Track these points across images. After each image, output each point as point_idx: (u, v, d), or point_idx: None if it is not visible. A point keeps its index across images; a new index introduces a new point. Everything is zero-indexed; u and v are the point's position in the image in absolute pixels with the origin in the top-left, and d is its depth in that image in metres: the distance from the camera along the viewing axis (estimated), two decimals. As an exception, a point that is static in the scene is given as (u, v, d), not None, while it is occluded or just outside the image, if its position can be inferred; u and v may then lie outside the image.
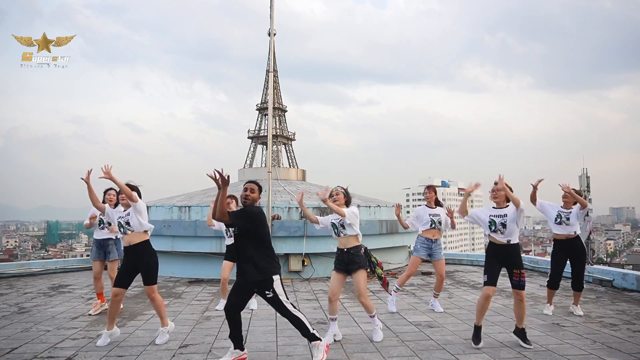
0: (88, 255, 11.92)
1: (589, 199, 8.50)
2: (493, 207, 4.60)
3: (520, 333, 4.44)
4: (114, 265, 5.98)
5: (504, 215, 4.44)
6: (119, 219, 4.62)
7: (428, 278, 8.81)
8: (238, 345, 4.01)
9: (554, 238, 5.92)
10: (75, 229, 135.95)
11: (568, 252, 5.77)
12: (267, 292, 3.82)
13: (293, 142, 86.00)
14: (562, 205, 5.80)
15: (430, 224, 5.95)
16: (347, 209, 4.49)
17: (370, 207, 10.27)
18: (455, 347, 4.41)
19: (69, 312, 6.04)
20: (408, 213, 7.26)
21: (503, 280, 6.35)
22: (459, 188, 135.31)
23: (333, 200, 4.55)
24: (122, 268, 4.67)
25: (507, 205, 4.50)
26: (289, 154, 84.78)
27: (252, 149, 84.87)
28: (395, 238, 10.23)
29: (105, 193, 5.81)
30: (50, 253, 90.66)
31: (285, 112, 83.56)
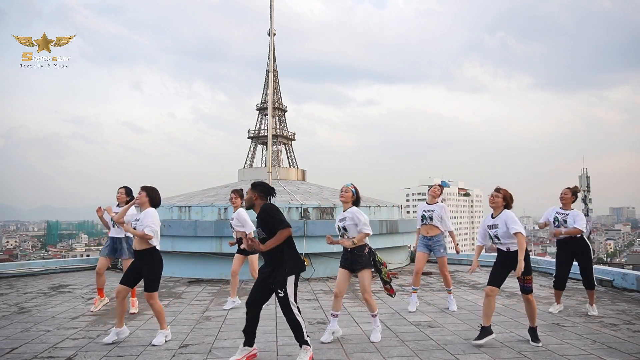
0: (88, 255, 11.90)
1: (589, 199, 8.51)
2: (491, 215, 4.62)
3: (531, 331, 4.51)
4: (128, 264, 5.98)
5: (496, 227, 4.47)
6: (134, 221, 4.69)
7: (428, 278, 8.81)
8: (248, 342, 4.03)
9: (557, 239, 5.87)
10: (75, 229, 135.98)
11: (572, 251, 5.75)
12: (279, 291, 3.86)
13: (293, 142, 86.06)
14: (560, 207, 5.78)
15: (422, 220, 5.96)
16: (357, 239, 4.51)
17: (370, 207, 10.27)
18: (455, 347, 4.41)
19: (69, 312, 6.04)
20: (408, 213, 7.26)
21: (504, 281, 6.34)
22: (459, 188, 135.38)
23: (341, 197, 4.65)
24: (129, 267, 4.77)
25: (502, 211, 4.51)
26: (289, 154, 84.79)
27: (252, 149, 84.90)
28: (395, 238, 10.23)
29: (118, 192, 5.98)
30: (50, 253, 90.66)
31: (285, 112, 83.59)
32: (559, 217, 5.70)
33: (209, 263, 9.03)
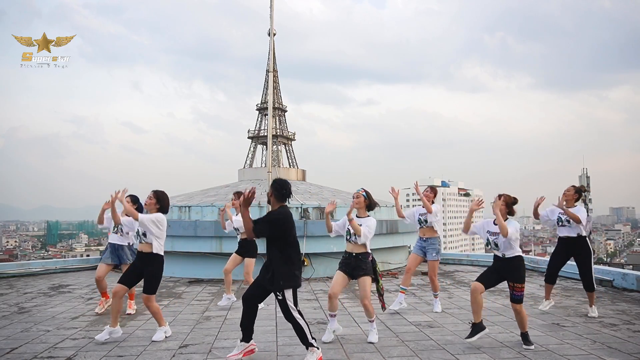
0: (88, 255, 11.89)
1: (589, 199, 8.51)
2: (494, 221, 4.53)
3: (523, 335, 4.45)
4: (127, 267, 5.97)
5: (497, 234, 4.42)
6: (138, 227, 4.70)
7: (428, 278, 8.79)
8: (245, 337, 4.03)
9: (558, 236, 5.87)
10: (75, 229, 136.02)
11: (571, 251, 5.75)
12: (278, 293, 3.87)
13: (293, 142, 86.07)
14: (564, 204, 5.76)
15: (419, 224, 6.03)
16: (364, 229, 4.50)
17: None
18: (455, 347, 4.41)
19: (69, 312, 6.04)
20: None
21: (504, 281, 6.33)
22: (459, 188, 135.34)
23: (355, 204, 4.64)
24: (130, 267, 4.79)
25: (506, 220, 4.44)
26: (289, 154, 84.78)
27: (252, 149, 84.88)
28: (395, 238, 10.23)
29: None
30: (50, 253, 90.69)
31: (285, 112, 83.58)
32: (563, 217, 5.67)
33: (209, 263, 9.03)
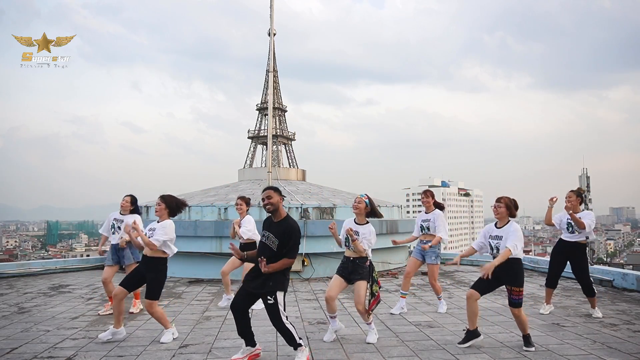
0: (88, 255, 11.90)
1: (589, 199, 8.50)
2: (496, 224, 4.52)
3: (525, 338, 4.40)
4: (132, 268, 5.94)
5: (499, 238, 4.38)
6: (148, 231, 4.70)
7: (428, 278, 8.78)
8: (249, 342, 4.03)
9: (560, 238, 5.85)
10: (75, 229, 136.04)
11: (568, 254, 5.75)
12: (269, 297, 3.84)
13: (293, 142, 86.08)
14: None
15: (421, 230, 6.05)
16: (365, 244, 4.50)
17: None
18: (455, 347, 4.41)
19: (69, 312, 6.04)
20: (408, 213, 7.28)
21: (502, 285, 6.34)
22: (459, 188, 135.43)
23: (354, 208, 4.64)
24: (133, 271, 4.78)
25: (508, 222, 4.43)
26: (289, 154, 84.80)
27: (252, 149, 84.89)
28: (395, 238, 10.19)
29: (123, 200, 6.03)
30: (50, 253, 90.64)
31: (285, 112, 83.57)
32: (572, 222, 5.60)
33: (209, 263, 9.03)
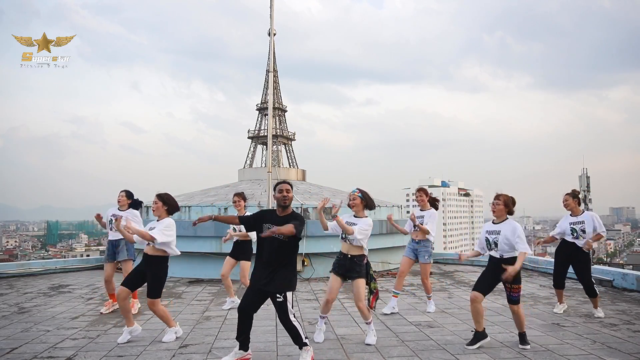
0: (88, 255, 11.89)
1: (589, 199, 8.50)
2: (493, 221, 4.53)
3: (521, 336, 4.43)
4: (127, 266, 5.95)
5: (497, 233, 4.39)
6: (148, 230, 4.67)
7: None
8: (243, 346, 4.01)
9: (563, 239, 5.83)
10: (75, 229, 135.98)
11: (569, 254, 5.74)
12: (279, 295, 3.83)
13: (293, 142, 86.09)
14: (570, 214, 5.72)
15: (414, 227, 6.02)
16: (357, 228, 4.48)
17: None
18: (455, 347, 4.41)
19: (69, 312, 6.04)
20: (408, 213, 7.26)
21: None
22: (459, 188, 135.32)
23: (350, 205, 4.63)
24: (134, 270, 4.77)
25: (505, 219, 4.44)
26: (289, 154, 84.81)
27: (252, 149, 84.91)
28: (395, 238, 10.22)
29: (119, 195, 6.04)
30: (50, 253, 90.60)
31: (285, 112, 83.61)
32: (576, 227, 5.60)
33: (209, 263, 9.02)
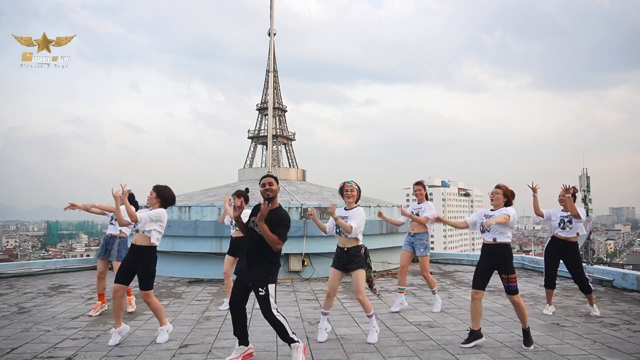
0: (88, 255, 11.90)
1: (589, 199, 8.50)
2: (491, 209, 4.57)
3: (525, 333, 4.41)
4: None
5: (492, 216, 4.43)
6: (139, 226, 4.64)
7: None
8: (243, 341, 4.02)
9: (553, 235, 5.88)
10: (75, 229, 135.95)
11: (561, 252, 5.77)
12: (260, 289, 3.83)
13: (293, 142, 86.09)
14: (562, 209, 5.79)
15: (411, 219, 6.04)
16: (355, 223, 4.49)
17: (370, 207, 10.26)
18: (455, 347, 4.41)
19: (69, 312, 6.04)
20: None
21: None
22: (459, 188, 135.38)
23: (347, 197, 4.67)
24: (122, 263, 4.72)
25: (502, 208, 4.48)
26: (289, 154, 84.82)
27: (252, 149, 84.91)
28: (395, 238, 10.22)
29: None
30: (50, 253, 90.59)
31: (285, 112, 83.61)
32: (565, 219, 5.70)
33: (209, 263, 9.03)
